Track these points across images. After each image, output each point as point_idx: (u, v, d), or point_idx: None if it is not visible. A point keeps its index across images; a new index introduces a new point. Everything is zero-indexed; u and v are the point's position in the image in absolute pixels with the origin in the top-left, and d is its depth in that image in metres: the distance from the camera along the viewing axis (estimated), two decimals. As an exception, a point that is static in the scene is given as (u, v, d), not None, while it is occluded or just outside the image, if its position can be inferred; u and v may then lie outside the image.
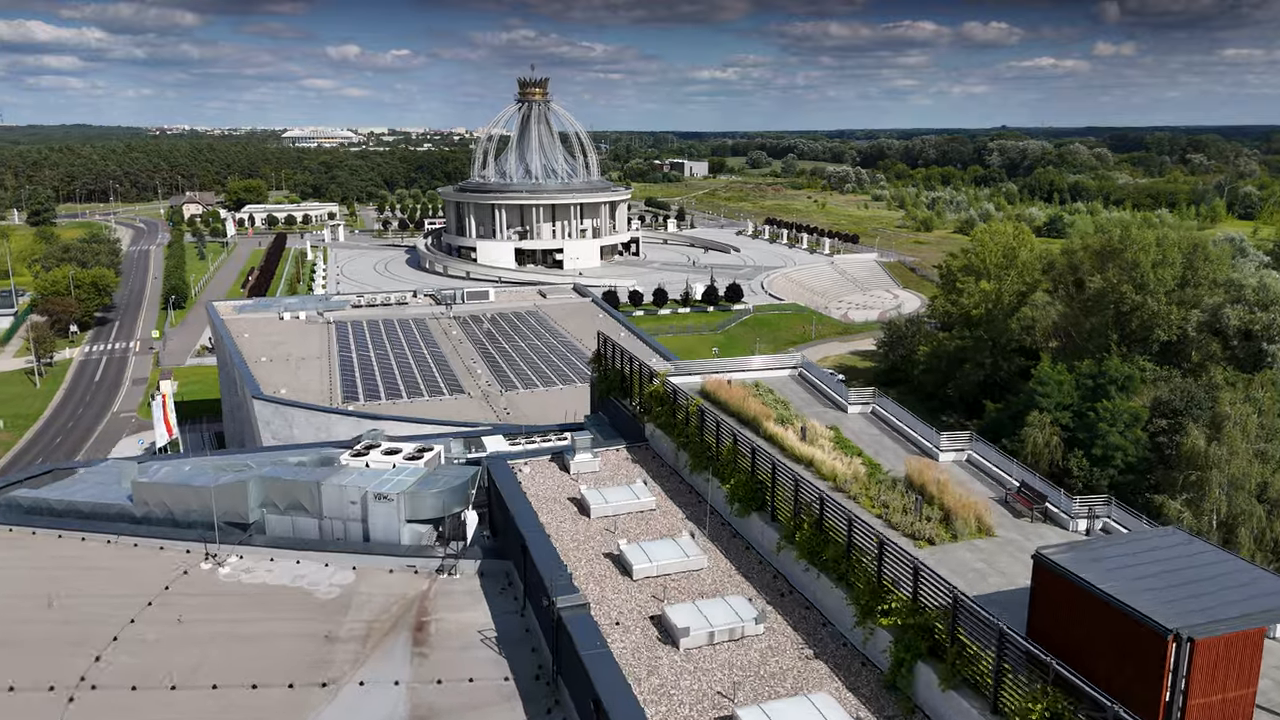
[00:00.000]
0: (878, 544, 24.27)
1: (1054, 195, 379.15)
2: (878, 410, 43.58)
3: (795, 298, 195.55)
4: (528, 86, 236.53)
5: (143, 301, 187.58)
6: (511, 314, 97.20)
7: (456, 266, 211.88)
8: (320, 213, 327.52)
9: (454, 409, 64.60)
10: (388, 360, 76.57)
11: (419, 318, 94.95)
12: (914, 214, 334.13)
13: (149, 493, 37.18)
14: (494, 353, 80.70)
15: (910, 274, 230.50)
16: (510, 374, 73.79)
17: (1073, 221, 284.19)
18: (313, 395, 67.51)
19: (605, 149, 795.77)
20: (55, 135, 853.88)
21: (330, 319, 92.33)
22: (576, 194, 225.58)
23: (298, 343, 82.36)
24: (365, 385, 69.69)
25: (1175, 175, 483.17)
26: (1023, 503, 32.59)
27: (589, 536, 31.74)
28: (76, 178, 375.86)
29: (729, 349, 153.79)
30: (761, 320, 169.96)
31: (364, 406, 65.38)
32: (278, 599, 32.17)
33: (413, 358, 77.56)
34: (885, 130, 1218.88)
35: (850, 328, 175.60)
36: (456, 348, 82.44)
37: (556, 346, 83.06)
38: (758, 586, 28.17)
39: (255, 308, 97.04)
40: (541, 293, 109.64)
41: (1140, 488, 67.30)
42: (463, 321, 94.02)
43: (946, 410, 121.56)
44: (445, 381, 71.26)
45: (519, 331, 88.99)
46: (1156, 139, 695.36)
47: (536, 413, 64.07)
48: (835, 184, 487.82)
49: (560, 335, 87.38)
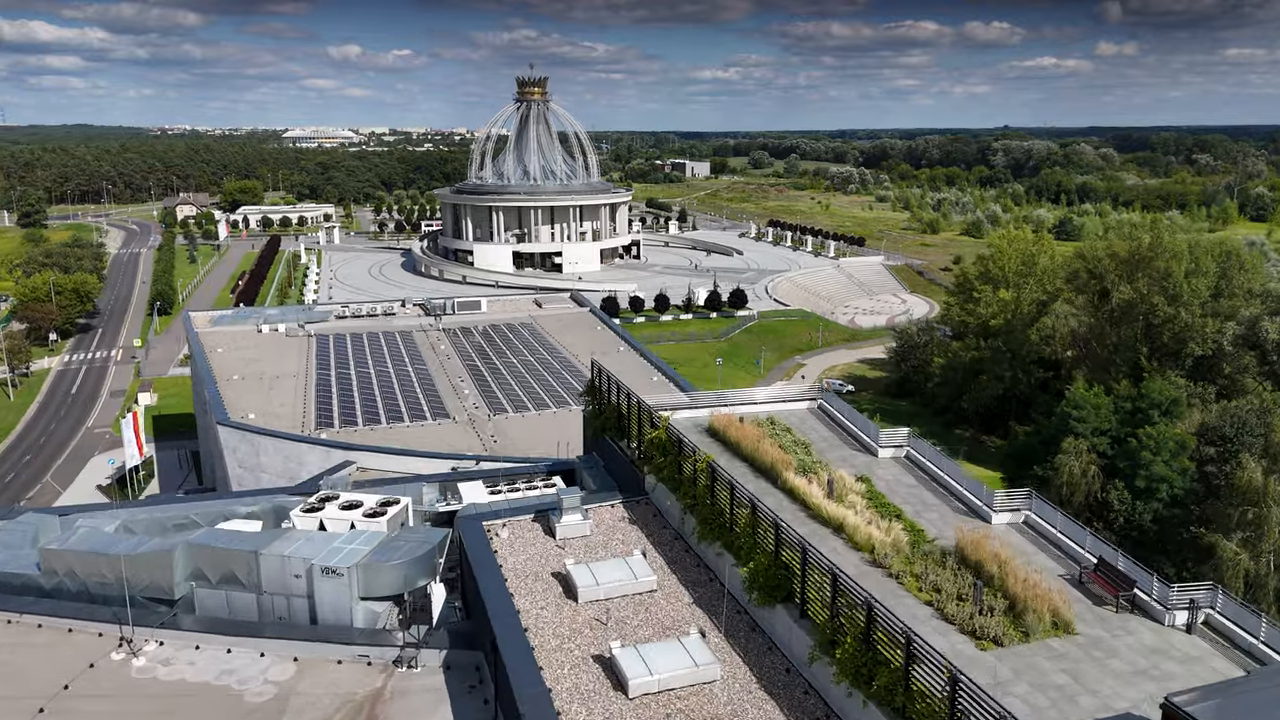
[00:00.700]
0: (949, 680, 18.49)
1: (1061, 196, 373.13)
2: (913, 455, 37.80)
3: (801, 303, 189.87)
4: (526, 86, 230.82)
5: (129, 307, 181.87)
6: (504, 325, 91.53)
7: (452, 270, 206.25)
8: (316, 214, 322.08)
9: (436, 436, 59.01)
10: (369, 379, 70.96)
11: (406, 330, 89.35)
12: (919, 215, 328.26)
13: (59, 560, 31.55)
14: (483, 370, 75.05)
15: (918, 278, 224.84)
16: (500, 394, 68.13)
17: (1083, 224, 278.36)
18: (285, 420, 61.94)
19: (606, 149, 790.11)
20: (55, 135, 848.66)
21: (311, 332, 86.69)
22: (576, 196, 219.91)
23: (274, 359, 76.77)
24: (342, 408, 64.06)
25: (1183, 176, 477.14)
26: (1103, 586, 26.86)
27: (575, 630, 26.06)
28: (70, 179, 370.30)
29: (733, 357, 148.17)
30: (766, 327, 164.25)
31: (339, 434, 59.78)
32: (198, 702, 26.50)
33: (395, 376, 71.92)
34: (887, 130, 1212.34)
35: (858, 334, 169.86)
36: (444, 364, 76.82)
37: (551, 363, 77.42)
38: (785, 708, 22.47)
39: (234, 319, 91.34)
40: (537, 301, 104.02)
41: (1186, 522, 61.68)
42: (452, 334, 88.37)
43: (961, 424, 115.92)
44: (429, 404, 65.65)
45: (511, 346, 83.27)
46: (1162, 139, 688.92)
47: (527, 440, 58.50)
48: (839, 185, 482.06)
49: (556, 351, 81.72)
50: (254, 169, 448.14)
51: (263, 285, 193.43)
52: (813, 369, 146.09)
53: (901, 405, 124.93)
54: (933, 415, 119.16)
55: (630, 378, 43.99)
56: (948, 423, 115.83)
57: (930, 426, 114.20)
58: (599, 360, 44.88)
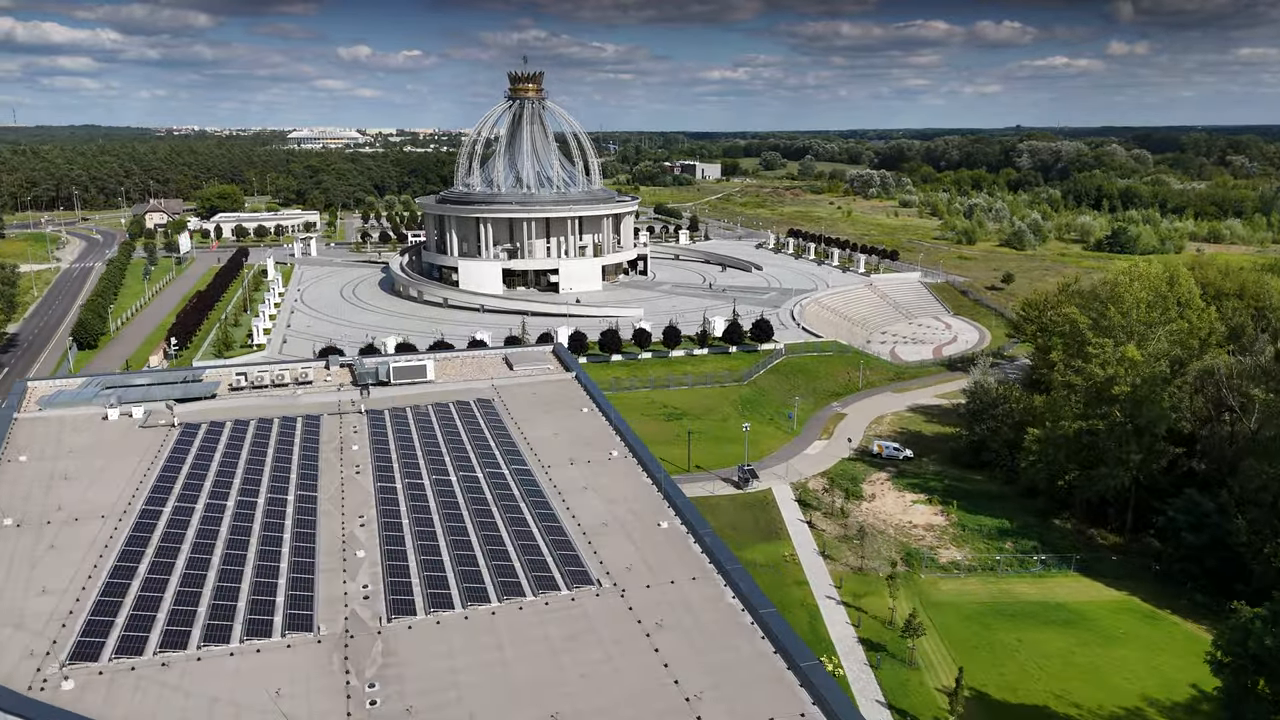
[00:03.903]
0: None
1: (1102, 202, 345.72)
2: None
3: (832, 329, 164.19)
4: (519, 81, 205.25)
5: (53, 337, 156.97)
6: (454, 406, 65.94)
7: (433, 292, 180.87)
8: (296, 222, 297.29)
9: (266, 679, 32.63)
10: (213, 533, 45.12)
11: (315, 413, 63.90)
12: (952, 223, 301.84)
13: None
14: (402, 500, 49.24)
15: (961, 298, 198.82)
16: (414, 565, 42.02)
17: (1138, 234, 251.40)
18: (35, 623, 36.09)
19: (615, 149, 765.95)
20: (60, 136, 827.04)
21: (176, 421, 61.22)
22: (574, 205, 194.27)
23: (96, 478, 51.00)
24: (141, 606, 38.24)
25: (1224, 179, 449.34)
26: None
27: None
28: (38, 183, 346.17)
29: (759, 406, 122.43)
30: (796, 365, 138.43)
31: (98, 669, 33.77)
32: None
33: (260, 523, 46.10)
34: (898, 130, 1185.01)
35: (903, 372, 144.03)
36: (346, 487, 51.10)
37: (509, 488, 51.69)
38: None
39: (76, 397, 65.79)
40: (508, 360, 78.31)
41: None
42: (377, 420, 62.92)
43: (1060, 511, 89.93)
44: (290, 594, 39.01)
45: (456, 446, 57.54)
46: (1192, 139, 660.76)
47: (440, 690, 32.20)
48: (858, 188, 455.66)
49: (518, 457, 56.06)
50: (240, 172, 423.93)
51: (211, 312, 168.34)
52: (856, 420, 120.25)
53: (977, 480, 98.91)
54: (1020, 496, 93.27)
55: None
56: (1042, 510, 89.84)
57: (1022, 516, 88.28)
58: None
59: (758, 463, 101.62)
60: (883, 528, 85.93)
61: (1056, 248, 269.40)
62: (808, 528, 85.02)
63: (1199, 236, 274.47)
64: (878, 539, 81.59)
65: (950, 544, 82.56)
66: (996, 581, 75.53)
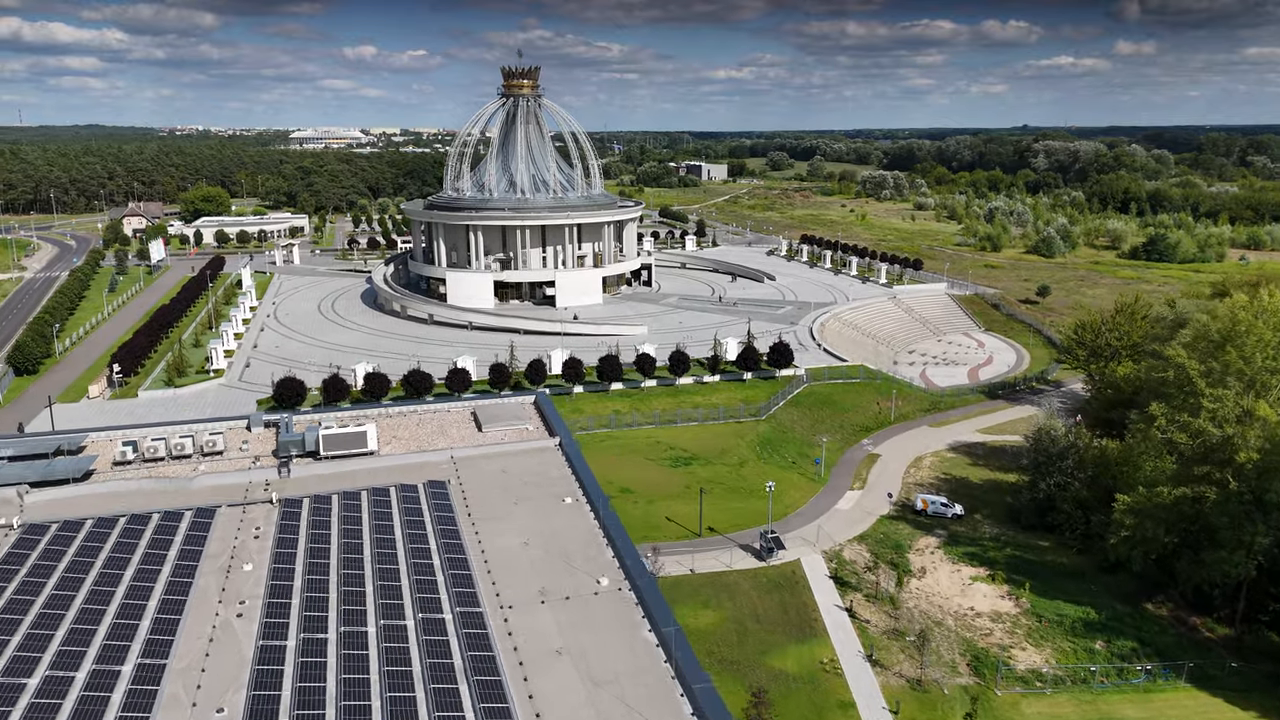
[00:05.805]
0: None
1: (1130, 205, 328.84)
2: None
3: (856, 349, 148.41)
4: (513, 78, 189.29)
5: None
6: (397, 491, 50.66)
7: (418, 307, 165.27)
8: (281, 227, 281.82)
9: None
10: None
11: (212, 504, 48.72)
12: (974, 228, 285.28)
13: None
14: (287, 684, 33.72)
15: (993, 311, 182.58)
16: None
17: (1178, 240, 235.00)
18: None
19: (620, 149, 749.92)
20: (63, 136, 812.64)
21: (17, 522, 46.32)
22: (572, 212, 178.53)
23: None
24: None
25: (1251, 180, 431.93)
26: None
27: None
28: (15, 185, 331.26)
29: (780, 447, 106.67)
30: (820, 395, 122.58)
31: None
32: None
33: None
34: (903, 130, 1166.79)
35: (939, 401, 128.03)
36: (215, 644, 35.78)
37: (449, 653, 36.16)
38: None
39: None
40: (476, 418, 63.03)
41: None
42: (291, 514, 47.76)
43: (1155, 593, 73.93)
44: None
45: (387, 569, 42.14)
46: (1211, 139, 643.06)
47: None
48: (870, 189, 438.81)
49: (468, 590, 40.65)
50: (230, 174, 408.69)
51: (175, 329, 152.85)
52: (891, 465, 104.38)
53: (1044, 549, 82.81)
54: (1101, 572, 77.29)
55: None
56: (1130, 593, 73.86)
57: (1108, 602, 72.33)
58: None
59: (781, 522, 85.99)
60: (939, 616, 70.23)
61: (1087, 255, 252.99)
62: (848, 617, 69.32)
63: (1238, 243, 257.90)
64: (936, 636, 65.89)
65: (1026, 641, 66.81)
66: (1093, 700, 59.82)
